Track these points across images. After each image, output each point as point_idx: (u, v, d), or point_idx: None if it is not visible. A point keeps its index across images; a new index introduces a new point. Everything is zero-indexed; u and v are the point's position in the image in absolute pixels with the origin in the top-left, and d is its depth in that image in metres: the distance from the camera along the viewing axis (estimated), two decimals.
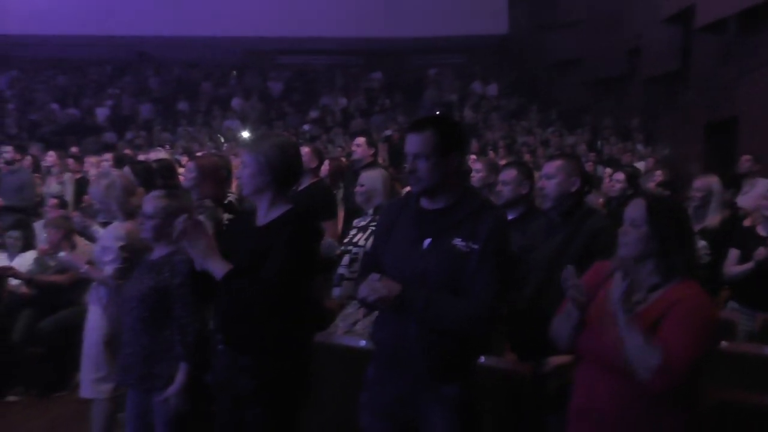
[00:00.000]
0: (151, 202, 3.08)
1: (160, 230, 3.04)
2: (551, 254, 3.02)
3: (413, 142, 2.33)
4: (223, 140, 14.81)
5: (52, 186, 7.64)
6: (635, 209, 2.18)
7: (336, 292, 3.92)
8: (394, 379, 2.37)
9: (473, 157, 8.50)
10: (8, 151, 7.93)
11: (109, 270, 3.63)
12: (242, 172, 2.56)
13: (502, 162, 6.21)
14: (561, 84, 17.91)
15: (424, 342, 2.28)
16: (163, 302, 2.95)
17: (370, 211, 4.05)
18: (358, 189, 4.13)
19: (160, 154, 7.07)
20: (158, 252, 3.10)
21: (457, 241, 2.27)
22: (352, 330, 3.54)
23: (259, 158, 2.50)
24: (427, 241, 2.32)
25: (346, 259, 3.90)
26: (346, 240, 4.07)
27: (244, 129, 16.02)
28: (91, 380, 3.68)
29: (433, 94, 17.62)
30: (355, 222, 4.15)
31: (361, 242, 3.87)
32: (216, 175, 4.22)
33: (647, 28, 13.68)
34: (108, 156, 7.44)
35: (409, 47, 21.04)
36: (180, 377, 2.92)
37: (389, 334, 2.39)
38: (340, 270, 3.91)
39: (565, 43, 17.32)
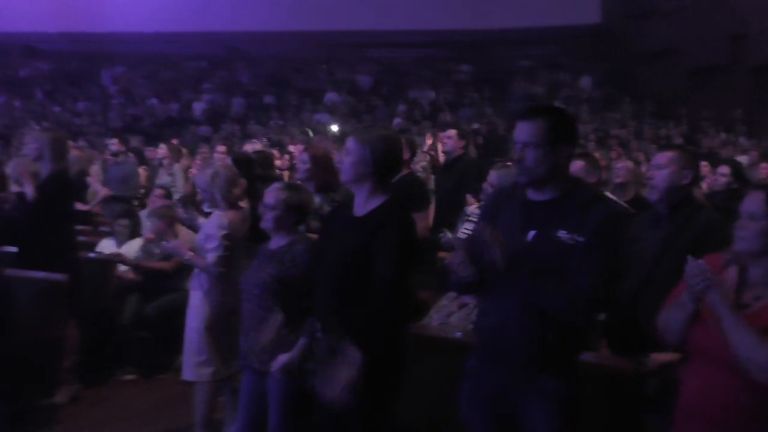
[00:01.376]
0: (273, 193, 3.17)
1: (280, 221, 3.13)
2: (656, 248, 2.92)
3: (523, 131, 2.30)
4: (311, 133, 15.05)
5: (162, 177, 7.96)
6: (754, 202, 2.08)
7: None
8: (495, 370, 2.36)
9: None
10: (114, 144, 8.36)
11: (211, 258, 3.73)
12: (345, 158, 2.61)
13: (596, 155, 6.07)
14: (656, 74, 17.26)
15: (526, 332, 2.26)
16: (285, 289, 3.03)
17: None
18: (486, 186, 4.05)
19: (257, 146, 7.30)
20: (277, 242, 3.18)
21: (562, 234, 2.24)
22: (446, 322, 3.55)
23: (364, 148, 2.53)
24: (532, 233, 2.29)
25: None
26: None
27: (334, 123, 16.24)
28: (194, 364, 3.78)
29: (523, 87, 17.31)
30: (469, 211, 4.08)
31: None
32: (329, 165, 4.24)
33: (754, 13, 13.02)
34: (221, 148, 7.78)
35: (498, 39, 20.75)
36: (297, 347, 2.91)
37: (491, 325, 2.38)
38: None
39: (661, 32, 16.71)
